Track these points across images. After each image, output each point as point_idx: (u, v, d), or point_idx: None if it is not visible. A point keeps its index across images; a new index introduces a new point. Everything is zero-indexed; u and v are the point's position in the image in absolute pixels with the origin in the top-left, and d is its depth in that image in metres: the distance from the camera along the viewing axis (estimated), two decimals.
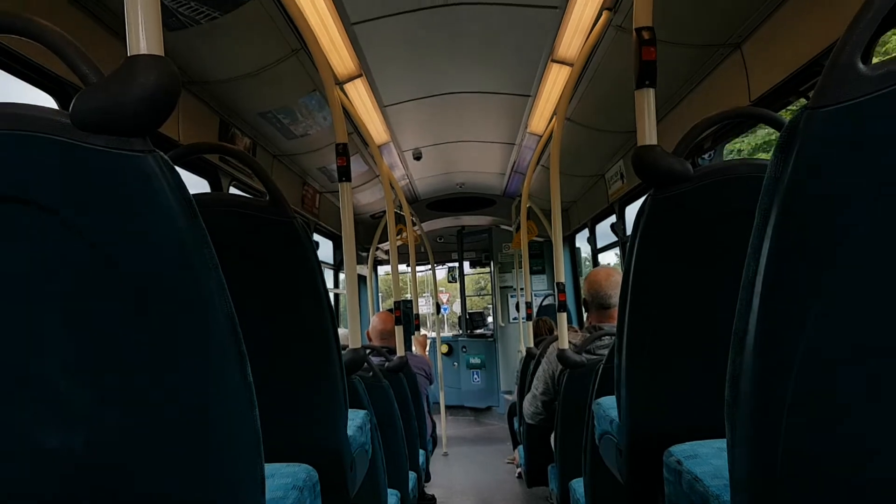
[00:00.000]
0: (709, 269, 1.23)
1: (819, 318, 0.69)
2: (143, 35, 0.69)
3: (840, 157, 0.66)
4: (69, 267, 0.69)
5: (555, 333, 4.20)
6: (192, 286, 0.70)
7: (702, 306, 1.25)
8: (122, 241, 0.68)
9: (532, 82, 3.49)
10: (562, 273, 2.68)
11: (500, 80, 3.60)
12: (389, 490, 2.32)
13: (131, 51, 0.68)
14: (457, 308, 9.47)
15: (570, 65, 3.10)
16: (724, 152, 3.14)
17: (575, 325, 5.55)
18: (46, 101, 1.96)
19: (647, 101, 1.30)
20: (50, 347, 0.70)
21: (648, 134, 1.27)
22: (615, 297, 2.50)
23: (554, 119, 3.00)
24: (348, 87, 3.29)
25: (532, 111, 3.90)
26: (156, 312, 0.69)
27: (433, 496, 4.01)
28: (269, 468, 1.16)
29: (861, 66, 0.64)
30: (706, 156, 3.16)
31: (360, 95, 3.46)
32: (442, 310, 10.11)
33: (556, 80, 3.35)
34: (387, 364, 3.14)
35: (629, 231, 3.51)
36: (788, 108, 2.45)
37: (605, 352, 2.34)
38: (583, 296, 2.62)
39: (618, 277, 2.59)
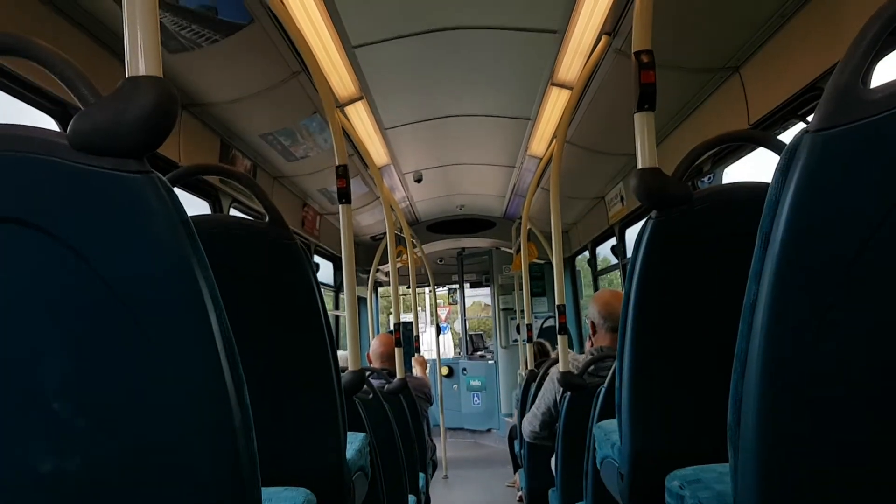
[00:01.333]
0: (709, 292, 1.23)
1: (822, 341, 0.68)
2: (142, 56, 0.69)
3: (841, 180, 0.66)
4: (65, 288, 0.68)
5: (552, 356, 4.18)
6: (190, 308, 0.70)
7: (703, 329, 1.24)
8: (118, 262, 0.68)
9: (532, 105, 3.51)
10: (562, 295, 2.67)
11: (500, 104, 3.62)
12: None
13: (130, 72, 0.69)
14: (457, 327, 9.42)
15: (570, 88, 3.12)
16: None
17: (575, 349, 5.52)
18: (47, 122, 1.97)
19: (646, 123, 1.30)
20: (45, 369, 0.69)
21: (648, 156, 1.28)
22: None
23: (554, 142, 3.01)
24: (349, 109, 3.31)
25: (532, 134, 3.92)
26: (152, 334, 0.69)
27: None
28: (266, 492, 1.15)
29: (861, 88, 0.64)
30: (706, 178, 3.16)
31: (360, 118, 3.47)
32: (441, 328, 9.91)
33: (555, 104, 3.37)
34: (386, 386, 3.12)
35: (629, 253, 3.50)
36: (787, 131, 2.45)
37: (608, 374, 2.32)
38: (589, 318, 2.59)
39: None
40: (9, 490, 0.72)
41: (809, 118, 0.68)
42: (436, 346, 7.84)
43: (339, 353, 1.79)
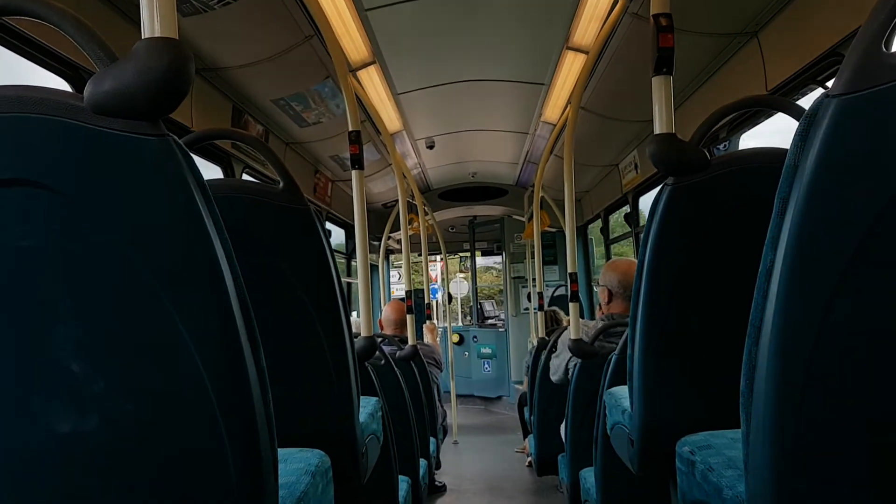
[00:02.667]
0: (724, 260, 1.22)
1: (838, 309, 0.68)
2: (158, 18, 0.69)
3: (861, 144, 0.65)
4: (81, 250, 0.69)
5: (564, 324, 4.20)
6: (207, 271, 0.70)
7: (716, 296, 1.24)
8: (135, 224, 0.68)
9: (546, 70, 3.47)
10: (574, 263, 2.67)
11: (514, 68, 3.57)
12: (400, 477, 2.33)
13: (145, 34, 0.68)
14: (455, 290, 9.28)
15: (586, 52, 3.07)
16: None
17: (586, 316, 5.54)
18: (61, 85, 1.96)
19: (663, 88, 1.28)
20: (62, 331, 0.70)
21: (665, 122, 1.26)
22: None
23: (568, 108, 2.98)
24: (361, 74, 3.28)
25: (546, 100, 3.88)
26: (169, 297, 0.69)
27: (443, 483, 4.03)
28: (282, 453, 1.17)
29: (884, 53, 0.63)
30: (721, 146, 3.13)
31: (373, 83, 3.45)
32: (433, 291, 9.58)
33: (570, 69, 3.32)
34: (398, 353, 3.15)
35: (643, 222, 3.47)
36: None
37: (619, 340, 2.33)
38: (602, 285, 2.58)
39: None
40: (29, 450, 0.74)
41: (829, 84, 0.66)
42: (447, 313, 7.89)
43: (352, 318, 1.81)
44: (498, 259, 8.66)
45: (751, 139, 2.97)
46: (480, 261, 8.97)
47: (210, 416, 0.73)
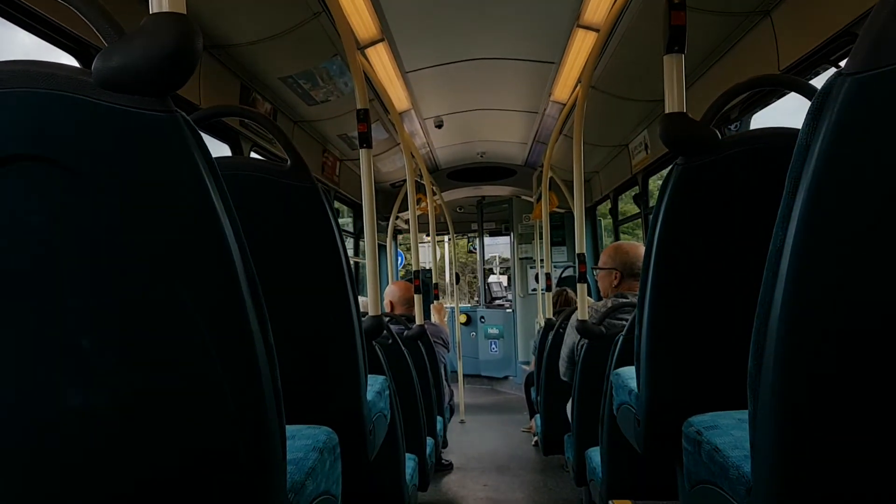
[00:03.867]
0: (734, 240, 1.21)
1: (847, 289, 0.68)
2: None
3: (875, 123, 0.64)
4: (90, 226, 0.69)
5: (574, 304, 4.20)
6: (215, 248, 0.71)
7: (725, 277, 1.23)
8: (143, 200, 0.68)
9: (557, 49, 3.43)
10: (583, 244, 2.66)
11: (524, 46, 3.53)
12: (407, 455, 2.35)
13: (153, 9, 0.68)
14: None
15: (597, 30, 3.04)
16: None
17: (593, 297, 5.54)
18: (69, 61, 1.96)
19: (675, 67, 1.27)
20: (72, 306, 0.71)
21: (676, 101, 1.25)
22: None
23: (578, 87, 2.95)
24: (370, 52, 3.26)
25: (556, 78, 3.84)
26: (177, 273, 0.70)
27: (450, 462, 4.07)
28: (290, 429, 1.18)
29: None
30: (732, 126, 3.10)
31: (381, 61, 3.42)
32: (399, 257, 9.18)
33: (581, 47, 3.28)
34: (405, 332, 3.16)
35: (653, 204, 3.45)
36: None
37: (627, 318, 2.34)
38: (609, 266, 2.60)
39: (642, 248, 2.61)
40: (41, 425, 0.75)
41: (842, 64, 0.65)
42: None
43: (360, 298, 1.82)
44: (504, 240, 8.64)
45: (769, 120, 2.95)
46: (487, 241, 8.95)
47: (218, 392, 0.73)
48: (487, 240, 8.73)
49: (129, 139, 0.67)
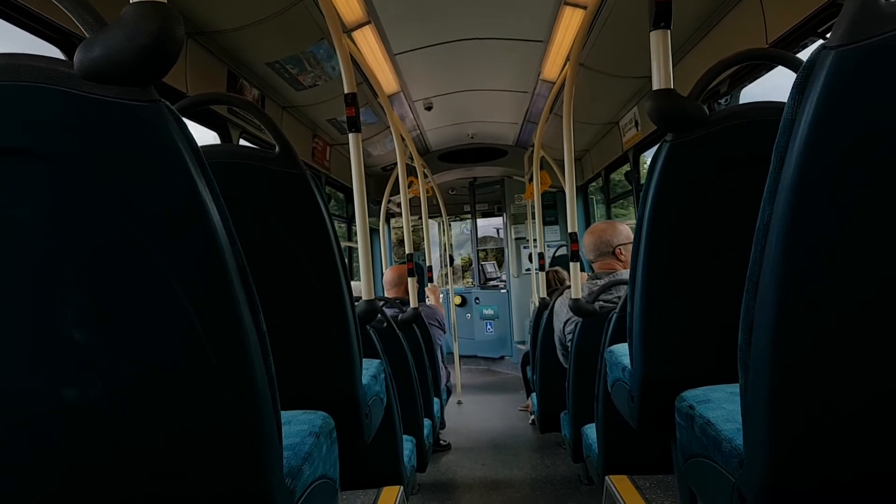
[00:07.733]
0: (724, 216, 1.22)
1: (835, 262, 0.68)
2: None
3: (860, 96, 0.64)
4: (76, 218, 0.69)
5: (566, 283, 4.21)
6: (203, 237, 0.70)
7: (716, 253, 1.24)
8: (129, 192, 0.68)
9: (545, 27, 3.41)
10: (575, 223, 2.67)
11: (512, 26, 3.51)
12: (405, 437, 2.37)
13: None
14: None
15: (584, 7, 3.02)
16: None
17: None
18: (53, 53, 1.94)
19: (662, 42, 1.26)
20: (62, 299, 0.71)
21: (664, 77, 1.24)
22: (615, 240, 2.58)
23: (567, 65, 2.94)
24: (356, 35, 3.23)
25: (545, 57, 3.82)
26: (166, 264, 0.70)
27: (448, 442, 4.10)
28: (286, 415, 1.19)
29: (882, 2, 0.62)
30: (722, 101, 3.09)
31: (368, 44, 3.39)
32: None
33: (569, 24, 3.26)
34: (400, 316, 3.17)
35: (644, 180, 3.46)
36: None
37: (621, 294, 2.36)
38: (613, 245, 2.62)
39: (620, 226, 2.62)
40: (35, 418, 0.75)
41: (829, 36, 0.65)
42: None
43: (353, 283, 1.81)
44: (496, 220, 8.64)
45: (763, 94, 2.94)
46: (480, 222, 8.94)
47: (212, 380, 0.74)
48: (480, 221, 8.73)
49: (112, 130, 0.66)
